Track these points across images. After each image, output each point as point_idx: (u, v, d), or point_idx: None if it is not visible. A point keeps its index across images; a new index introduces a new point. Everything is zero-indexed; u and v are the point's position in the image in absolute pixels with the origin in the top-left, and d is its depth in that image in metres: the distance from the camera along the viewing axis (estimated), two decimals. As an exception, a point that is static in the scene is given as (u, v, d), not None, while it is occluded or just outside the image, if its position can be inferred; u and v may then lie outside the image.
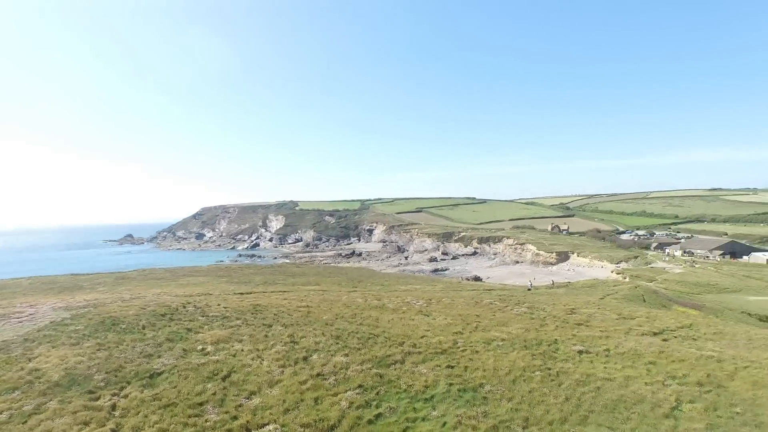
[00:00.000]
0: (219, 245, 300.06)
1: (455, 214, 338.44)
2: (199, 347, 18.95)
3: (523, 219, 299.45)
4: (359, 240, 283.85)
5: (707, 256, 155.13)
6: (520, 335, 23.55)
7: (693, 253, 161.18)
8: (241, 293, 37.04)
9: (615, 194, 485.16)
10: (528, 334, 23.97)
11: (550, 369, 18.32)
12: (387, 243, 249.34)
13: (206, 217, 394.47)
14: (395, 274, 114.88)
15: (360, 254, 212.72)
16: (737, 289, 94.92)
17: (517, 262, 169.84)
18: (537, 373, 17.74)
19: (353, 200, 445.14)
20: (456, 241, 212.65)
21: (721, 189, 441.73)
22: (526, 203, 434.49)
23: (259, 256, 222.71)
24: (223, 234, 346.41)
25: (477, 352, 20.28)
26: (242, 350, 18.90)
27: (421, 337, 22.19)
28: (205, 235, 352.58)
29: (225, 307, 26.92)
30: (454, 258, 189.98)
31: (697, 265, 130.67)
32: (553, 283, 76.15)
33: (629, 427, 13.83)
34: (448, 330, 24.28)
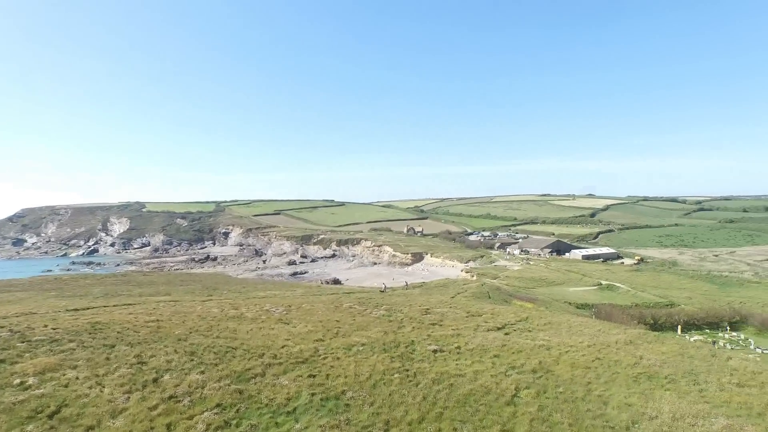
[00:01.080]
0: (46, 252, 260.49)
1: (314, 217, 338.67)
2: (17, 381, 15.82)
3: (381, 221, 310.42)
4: (215, 244, 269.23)
5: (539, 254, 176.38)
6: (379, 338, 24.33)
7: (528, 252, 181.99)
8: (76, 309, 32.49)
9: (464, 198, 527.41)
10: (387, 336, 24.87)
11: (408, 370, 19.23)
12: (244, 246, 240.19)
13: (28, 220, 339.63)
14: (253, 279, 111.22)
15: (215, 259, 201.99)
16: (561, 282, 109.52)
17: (375, 263, 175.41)
18: (396, 375, 18.49)
19: (208, 202, 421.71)
20: (315, 243, 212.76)
21: (549, 195, 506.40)
22: (384, 206, 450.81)
23: (99, 264, 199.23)
24: (52, 239, 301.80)
25: (338, 358, 20.47)
26: (77, 378, 16.44)
27: (282, 347, 21.74)
28: (26, 241, 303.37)
29: (54, 328, 23.23)
30: (313, 261, 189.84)
31: (531, 263, 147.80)
32: (407, 285, 79.72)
33: (478, 419, 15.13)
34: (309, 338, 24.15)
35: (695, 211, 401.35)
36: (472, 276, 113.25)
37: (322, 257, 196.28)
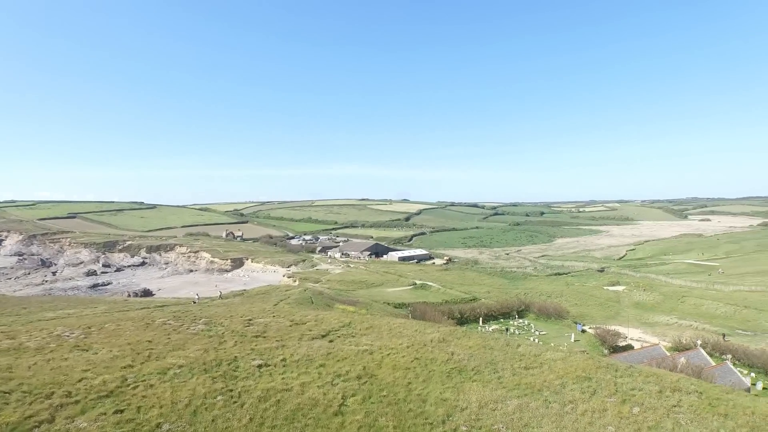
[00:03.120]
0: None
1: (120, 221, 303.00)
2: None
3: (197, 225, 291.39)
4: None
5: (359, 257, 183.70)
6: (199, 358, 22.43)
7: (349, 255, 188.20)
8: None
9: (285, 202, 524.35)
10: (207, 355, 23.07)
11: (232, 390, 18.07)
12: (26, 256, 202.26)
13: None
14: (39, 296, 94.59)
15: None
16: (380, 283, 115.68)
17: (192, 270, 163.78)
18: (219, 397, 17.23)
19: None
20: (121, 250, 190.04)
21: (368, 199, 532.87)
22: (200, 209, 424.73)
23: None
24: None
25: (152, 385, 18.26)
26: None
27: (79, 381, 18.44)
28: None
29: None
30: (119, 270, 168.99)
31: (352, 265, 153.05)
32: (220, 294, 74.38)
33: (307, 434, 14.91)
34: (115, 365, 21.07)
35: (491, 215, 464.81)
36: (295, 281, 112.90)
37: (129, 266, 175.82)
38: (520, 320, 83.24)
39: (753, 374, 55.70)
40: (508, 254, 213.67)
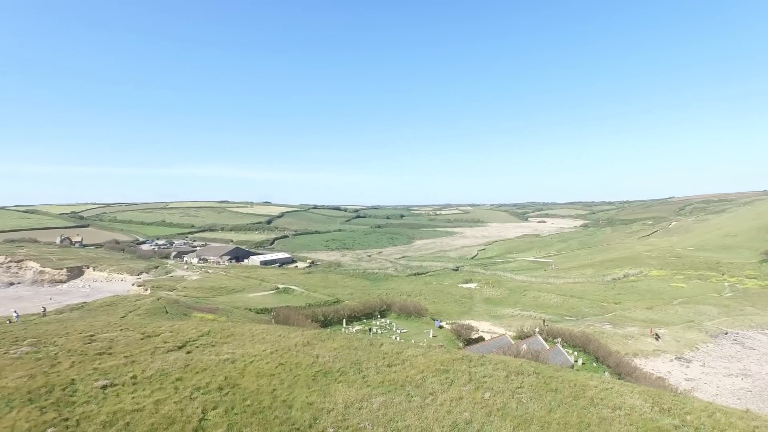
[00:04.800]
0: None
1: None
2: None
3: (22, 230, 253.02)
4: None
5: (219, 262, 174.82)
6: (21, 386, 19.06)
7: (207, 260, 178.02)
8: None
9: (134, 204, 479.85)
10: (34, 381, 19.78)
11: (67, 419, 15.77)
12: None
13: None
14: None
15: None
16: (241, 288, 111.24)
17: (13, 283, 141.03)
18: (50, 430, 14.93)
19: None
20: None
21: (227, 202, 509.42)
22: (26, 211, 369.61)
23: None
24: None
25: (-56, 436, 15.02)
26: None
27: None
28: None
29: None
30: None
31: (210, 271, 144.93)
32: (44, 311, 63.79)
33: (161, 457, 13.60)
34: None
35: (354, 218, 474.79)
36: (146, 290, 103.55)
37: None
38: (383, 320, 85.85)
39: (576, 352, 64.45)
40: (370, 256, 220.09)
